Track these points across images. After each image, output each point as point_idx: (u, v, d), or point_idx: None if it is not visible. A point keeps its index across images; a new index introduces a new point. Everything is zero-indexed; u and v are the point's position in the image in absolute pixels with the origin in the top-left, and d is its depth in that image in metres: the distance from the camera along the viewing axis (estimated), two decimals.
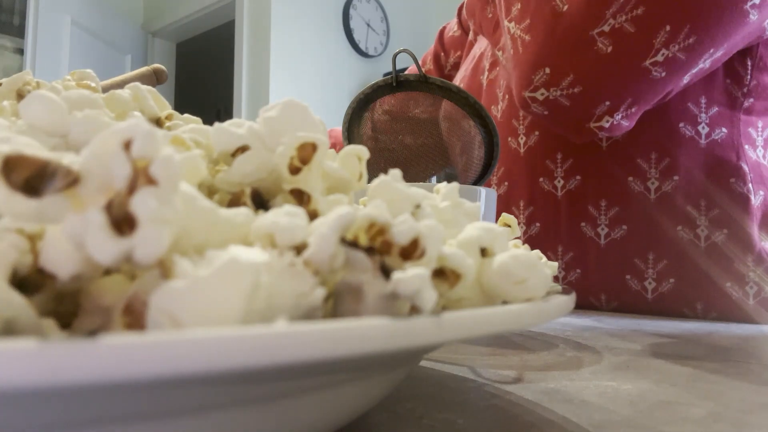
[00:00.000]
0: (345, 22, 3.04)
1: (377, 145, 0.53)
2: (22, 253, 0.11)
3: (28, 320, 0.11)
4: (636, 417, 0.21)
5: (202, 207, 0.13)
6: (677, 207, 0.55)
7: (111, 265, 0.11)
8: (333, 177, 0.17)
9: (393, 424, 0.19)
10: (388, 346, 0.11)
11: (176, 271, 0.10)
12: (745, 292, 0.54)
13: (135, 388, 0.10)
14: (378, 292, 0.13)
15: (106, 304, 0.12)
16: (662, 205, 0.56)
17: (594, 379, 0.26)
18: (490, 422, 0.19)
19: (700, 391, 0.25)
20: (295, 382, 0.13)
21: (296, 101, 0.17)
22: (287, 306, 0.12)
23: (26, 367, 0.08)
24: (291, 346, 0.10)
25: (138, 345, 0.08)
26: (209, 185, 0.17)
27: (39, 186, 0.11)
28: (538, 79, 0.48)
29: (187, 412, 0.12)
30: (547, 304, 0.16)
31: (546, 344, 0.36)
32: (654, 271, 0.56)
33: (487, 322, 0.14)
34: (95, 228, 0.10)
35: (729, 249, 0.54)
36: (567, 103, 0.48)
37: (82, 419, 0.11)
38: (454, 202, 0.19)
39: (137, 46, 3.18)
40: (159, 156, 0.11)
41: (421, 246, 0.13)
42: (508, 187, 0.64)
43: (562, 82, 0.47)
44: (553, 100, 0.48)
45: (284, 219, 0.13)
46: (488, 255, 0.17)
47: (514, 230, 0.24)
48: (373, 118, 0.52)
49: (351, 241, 0.13)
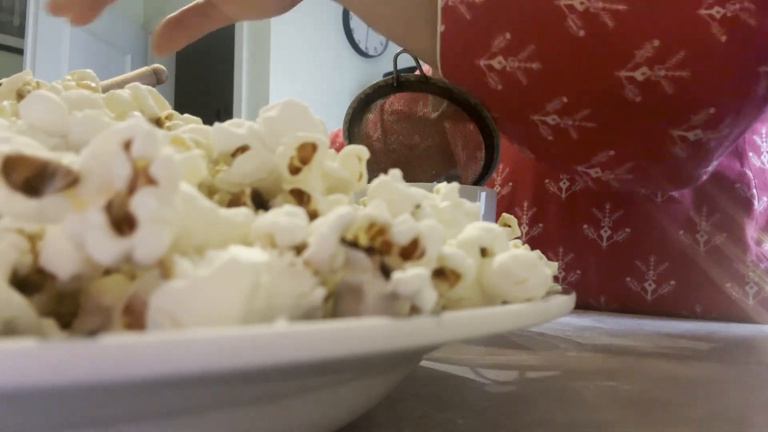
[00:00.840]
0: (345, 22, 3.04)
1: (377, 146, 0.53)
2: (22, 253, 0.11)
3: (28, 320, 0.11)
4: (636, 417, 0.21)
5: (202, 207, 0.13)
6: (681, 210, 0.55)
7: (111, 265, 0.11)
8: (333, 177, 0.17)
9: (393, 424, 0.19)
10: (388, 347, 0.11)
11: (176, 271, 0.10)
12: (745, 292, 0.54)
13: (135, 388, 0.10)
14: (378, 292, 0.13)
15: (106, 304, 0.12)
16: (666, 208, 0.56)
17: (594, 379, 0.26)
18: (490, 422, 0.19)
19: (700, 391, 0.25)
20: (295, 382, 0.13)
21: (296, 101, 0.17)
22: (287, 306, 0.12)
23: (26, 367, 0.08)
24: (291, 346, 0.10)
25: (137, 345, 0.08)
26: (209, 185, 0.17)
27: (39, 186, 0.11)
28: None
29: (187, 412, 0.12)
30: (547, 304, 0.16)
31: (546, 344, 0.36)
32: (655, 273, 0.56)
33: (487, 322, 0.14)
34: (95, 228, 0.10)
35: (730, 251, 0.54)
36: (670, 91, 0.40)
37: (82, 419, 0.11)
38: (454, 202, 0.19)
39: (137, 46, 3.18)
40: (159, 156, 0.11)
41: (421, 246, 0.13)
42: (512, 187, 0.64)
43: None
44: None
45: (284, 219, 0.13)
46: (488, 255, 0.17)
47: (514, 230, 0.24)
48: (375, 118, 0.52)
49: (351, 241, 0.13)
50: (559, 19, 0.37)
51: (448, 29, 0.39)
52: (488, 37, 0.39)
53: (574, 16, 0.37)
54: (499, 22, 0.38)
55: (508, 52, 0.38)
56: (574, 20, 0.37)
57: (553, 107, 0.39)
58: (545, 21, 0.37)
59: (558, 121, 0.40)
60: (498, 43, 0.38)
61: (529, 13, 0.38)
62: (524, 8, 0.38)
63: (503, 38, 0.38)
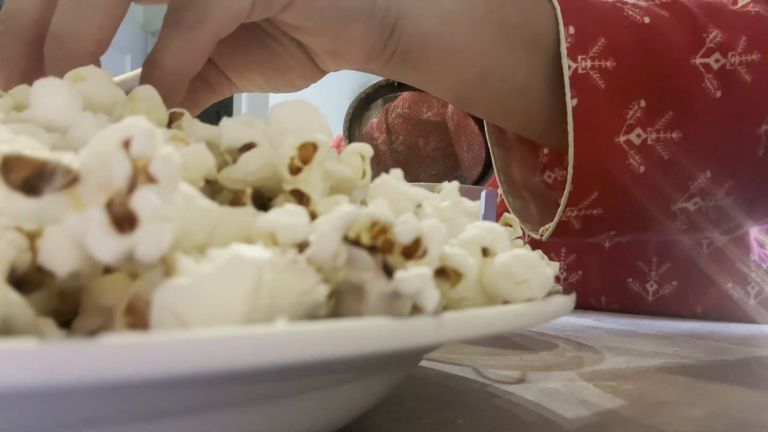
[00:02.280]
0: None
1: (381, 148, 0.53)
2: (20, 250, 0.11)
3: (25, 319, 0.11)
4: (636, 417, 0.21)
5: (203, 206, 0.13)
6: None
7: (113, 263, 0.10)
8: (335, 176, 0.17)
9: (393, 424, 0.19)
10: (389, 346, 0.11)
11: (179, 268, 0.10)
12: (747, 292, 0.54)
13: (135, 388, 0.10)
14: (380, 291, 0.13)
15: (108, 303, 0.12)
16: None
17: (594, 379, 0.26)
18: (490, 422, 0.19)
19: (700, 391, 0.25)
20: (296, 382, 0.13)
21: (306, 101, 0.17)
22: (290, 303, 0.11)
23: (26, 367, 0.08)
24: (292, 346, 0.10)
25: (137, 345, 0.08)
26: (215, 180, 0.17)
27: (38, 185, 0.11)
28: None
29: (187, 412, 0.12)
30: (547, 304, 0.16)
31: (546, 344, 0.36)
32: (657, 273, 0.56)
33: (488, 322, 0.14)
34: (96, 226, 0.10)
35: (732, 252, 0.54)
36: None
37: (82, 419, 0.11)
38: (454, 202, 0.19)
39: (137, 46, 3.18)
40: (159, 154, 0.11)
41: (423, 245, 0.13)
42: None
43: None
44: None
45: (286, 217, 0.13)
46: (489, 255, 0.17)
47: (516, 230, 0.24)
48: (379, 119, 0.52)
49: (353, 240, 0.13)
50: (697, 79, 0.33)
51: (581, 103, 0.32)
52: (624, 108, 0.32)
53: (710, 76, 0.33)
54: (634, 88, 0.32)
55: (647, 122, 0.33)
56: (710, 80, 0.33)
57: (697, 187, 0.34)
58: (682, 83, 0.33)
59: (701, 204, 0.35)
60: (633, 113, 0.33)
61: (665, 75, 0.33)
62: (659, 70, 0.33)
63: (638, 106, 0.32)
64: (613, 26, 0.33)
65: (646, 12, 0.33)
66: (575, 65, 0.32)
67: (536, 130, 0.37)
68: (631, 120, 0.32)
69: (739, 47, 0.34)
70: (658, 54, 0.33)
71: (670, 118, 0.33)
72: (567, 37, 0.32)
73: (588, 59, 0.32)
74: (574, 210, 0.35)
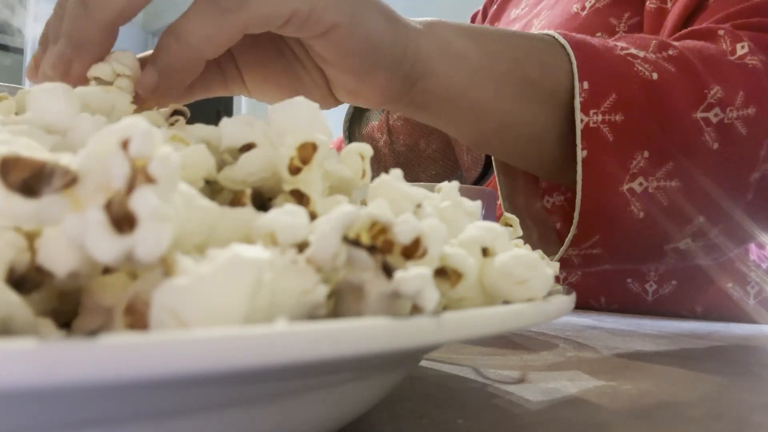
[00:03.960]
0: None
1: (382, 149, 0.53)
2: (19, 251, 0.11)
3: (24, 319, 0.11)
4: (636, 417, 0.21)
5: (202, 206, 0.13)
6: None
7: (112, 263, 0.10)
8: (335, 176, 0.17)
9: (393, 424, 0.19)
10: (389, 346, 0.11)
11: (179, 268, 0.10)
12: (746, 292, 0.54)
13: (134, 388, 0.10)
14: (380, 291, 0.13)
15: (108, 303, 0.12)
16: None
17: (594, 379, 0.26)
18: (491, 422, 0.19)
19: (700, 391, 0.25)
20: (296, 382, 0.13)
21: (306, 100, 0.17)
22: (290, 303, 0.11)
23: (26, 367, 0.08)
24: (292, 346, 0.10)
25: (137, 345, 0.08)
26: (215, 180, 0.17)
27: (37, 186, 0.11)
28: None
29: (186, 412, 0.12)
30: (547, 304, 0.16)
31: (546, 344, 0.36)
32: (656, 273, 0.56)
33: (488, 322, 0.14)
34: (95, 227, 0.10)
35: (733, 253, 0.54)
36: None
37: (82, 419, 0.11)
38: (454, 202, 0.19)
39: (137, 46, 3.18)
40: (157, 154, 0.11)
41: (423, 245, 0.13)
42: None
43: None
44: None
45: (286, 217, 0.13)
46: (490, 255, 0.17)
47: (516, 230, 0.24)
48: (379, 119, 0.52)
49: (353, 240, 0.13)
50: (697, 133, 0.35)
51: (590, 154, 0.33)
52: (629, 158, 0.34)
53: (709, 129, 0.35)
54: (638, 140, 0.34)
55: (648, 171, 0.34)
56: (709, 133, 0.35)
57: (690, 230, 0.37)
58: (683, 136, 0.35)
59: (690, 245, 0.38)
60: (637, 163, 0.34)
61: (668, 129, 0.34)
62: (663, 124, 0.34)
63: (642, 157, 0.34)
64: (624, 82, 0.34)
65: (655, 67, 0.35)
66: (587, 119, 0.33)
67: (546, 172, 0.40)
68: (635, 169, 0.34)
69: (736, 102, 0.35)
70: (663, 109, 0.34)
71: (670, 168, 0.34)
72: (581, 92, 0.34)
73: (599, 113, 0.34)
74: (576, 249, 0.37)
